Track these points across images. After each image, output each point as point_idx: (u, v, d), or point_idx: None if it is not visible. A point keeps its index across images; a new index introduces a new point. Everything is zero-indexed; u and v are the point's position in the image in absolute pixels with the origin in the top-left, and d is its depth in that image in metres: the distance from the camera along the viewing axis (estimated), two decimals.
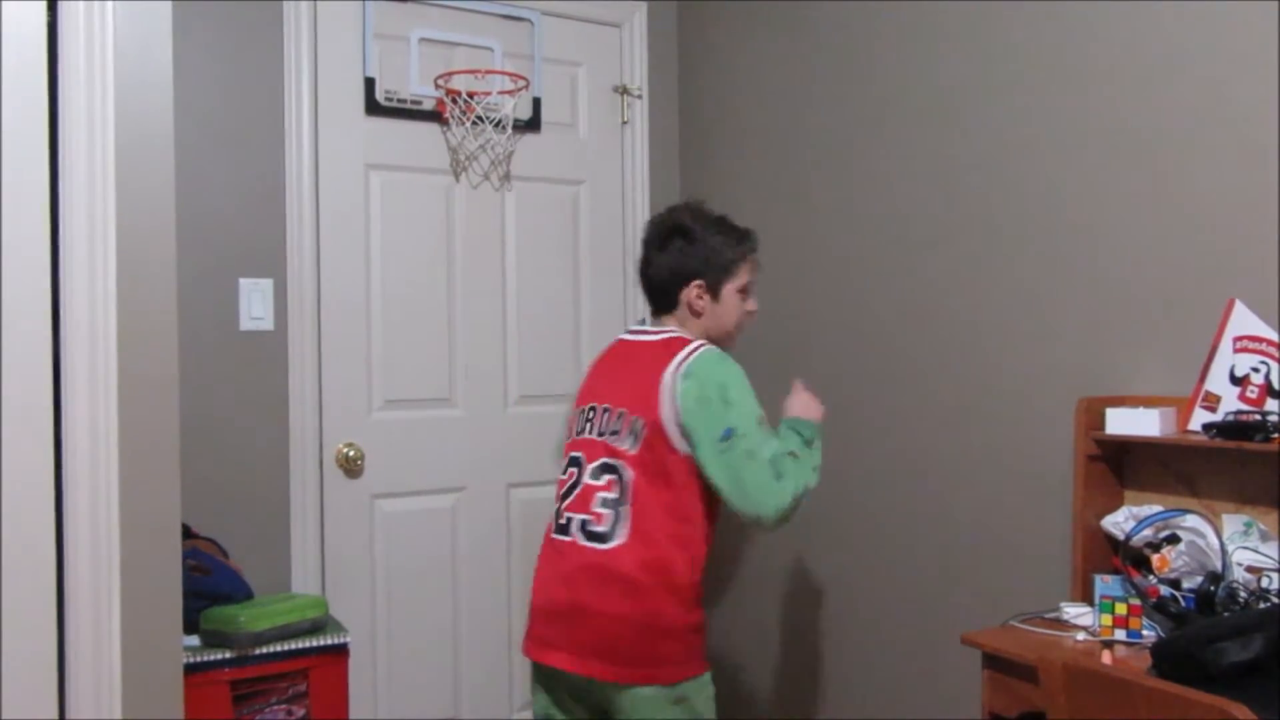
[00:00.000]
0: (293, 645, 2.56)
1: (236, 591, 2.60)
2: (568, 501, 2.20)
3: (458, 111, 3.07)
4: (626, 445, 2.14)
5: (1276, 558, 1.93)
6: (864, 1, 2.87)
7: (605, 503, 2.14)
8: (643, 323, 2.35)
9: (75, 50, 1.66)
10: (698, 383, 2.12)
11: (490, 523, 3.23)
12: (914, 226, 2.74)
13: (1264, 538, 1.98)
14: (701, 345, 2.21)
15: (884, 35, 2.82)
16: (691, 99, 3.51)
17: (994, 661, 2.05)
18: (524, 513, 3.28)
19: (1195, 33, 2.14)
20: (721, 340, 2.30)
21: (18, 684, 1.61)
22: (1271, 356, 1.96)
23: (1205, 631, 1.68)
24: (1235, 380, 2.00)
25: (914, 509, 2.76)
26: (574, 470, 2.22)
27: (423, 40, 3.09)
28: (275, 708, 2.55)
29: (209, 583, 2.56)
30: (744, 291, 2.34)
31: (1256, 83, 2.03)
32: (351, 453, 3.01)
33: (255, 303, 2.89)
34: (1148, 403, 2.15)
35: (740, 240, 2.33)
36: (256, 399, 2.89)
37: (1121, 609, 1.97)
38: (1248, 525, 1.99)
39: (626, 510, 2.12)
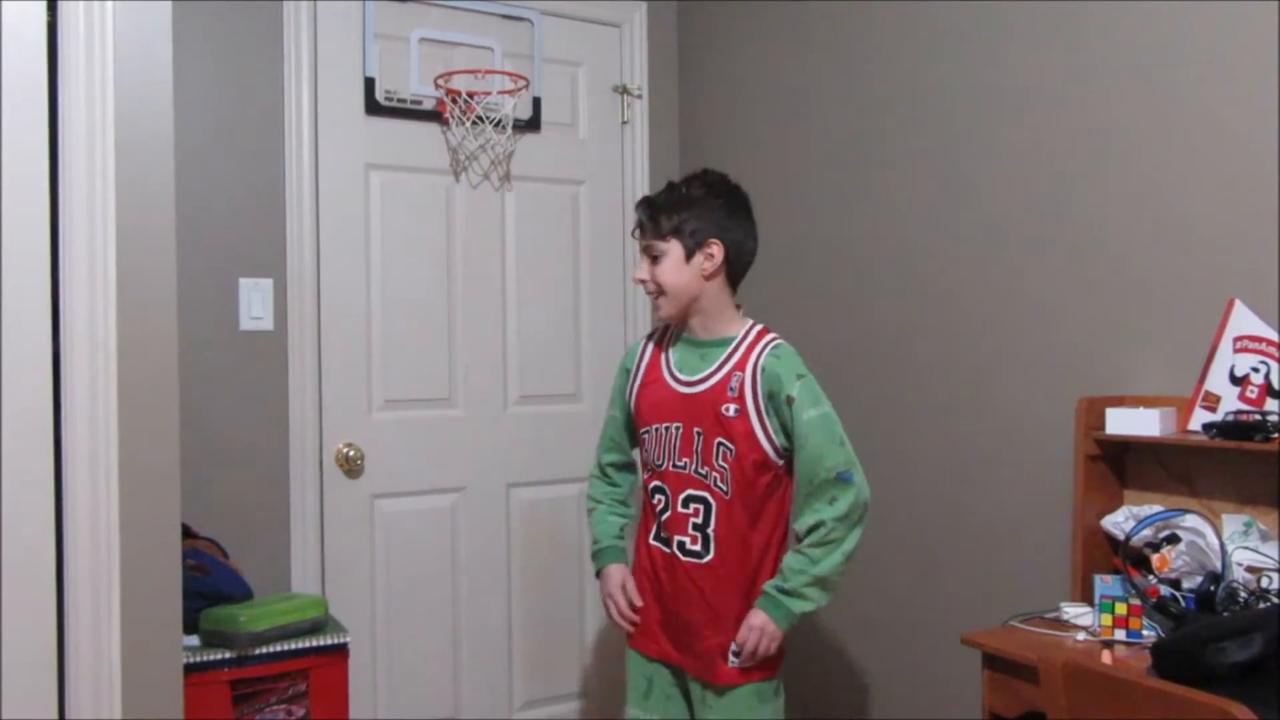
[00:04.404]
0: (293, 645, 2.56)
1: (236, 591, 2.60)
2: None
3: (458, 111, 3.07)
4: None
5: (1276, 558, 1.93)
6: (864, 1, 2.87)
7: None
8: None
9: (75, 50, 1.66)
10: None
11: (490, 523, 3.23)
12: (914, 226, 2.74)
13: (1264, 538, 1.98)
14: None
15: (884, 35, 2.82)
16: (691, 99, 3.51)
17: (994, 661, 2.05)
18: (524, 513, 3.28)
19: (1195, 33, 2.14)
20: None
21: (18, 684, 1.61)
22: (1271, 356, 1.96)
23: (1205, 631, 1.68)
24: (1235, 380, 2.00)
25: (914, 509, 2.76)
26: None
27: (423, 40, 3.09)
28: (275, 708, 2.55)
29: (209, 583, 2.55)
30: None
31: (1256, 83, 2.03)
32: (351, 453, 3.00)
33: (255, 303, 2.89)
34: (1148, 403, 2.15)
35: None
36: (256, 399, 2.89)
37: (1121, 609, 1.97)
38: (1247, 525, 2.00)
39: None
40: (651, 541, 2.25)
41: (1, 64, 1.59)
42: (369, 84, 3.03)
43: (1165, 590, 1.97)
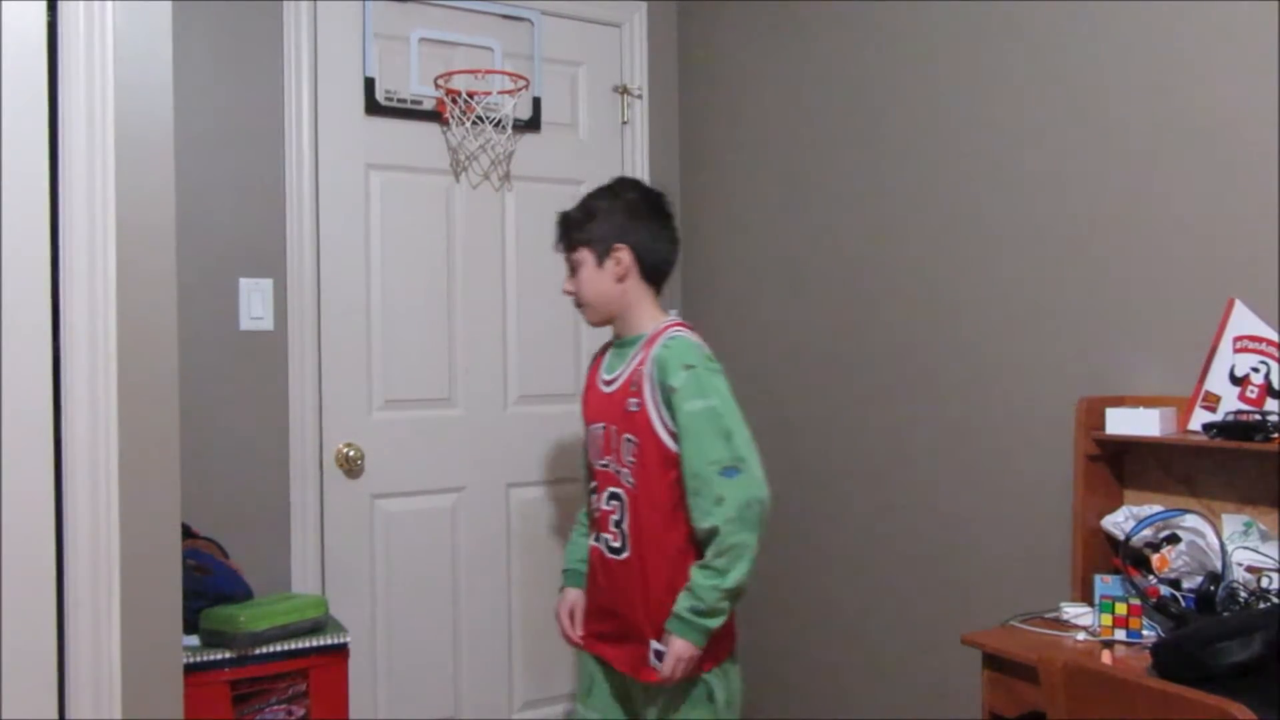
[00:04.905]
0: (293, 645, 2.56)
1: (236, 591, 2.60)
2: None
3: (458, 111, 3.07)
4: None
5: (1276, 558, 1.93)
6: (863, 1, 2.87)
7: None
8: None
9: (75, 50, 1.66)
10: None
11: (490, 523, 3.23)
12: (914, 226, 2.74)
13: (1264, 538, 1.98)
14: None
15: (883, 35, 2.82)
16: (691, 99, 3.51)
17: (994, 661, 2.05)
18: (524, 513, 3.28)
19: (1195, 33, 2.14)
20: None
21: (18, 684, 1.61)
22: (1271, 356, 1.96)
23: (1205, 631, 1.68)
24: (1235, 380, 2.00)
25: (914, 509, 2.76)
26: None
27: (423, 40, 3.09)
28: (275, 708, 2.55)
29: (209, 583, 2.55)
30: None
31: (1256, 83, 2.03)
32: (351, 453, 3.00)
33: (255, 303, 2.89)
34: (1148, 403, 2.15)
35: None
36: (256, 399, 2.89)
37: (1121, 609, 1.97)
38: (1247, 525, 2.00)
39: None
40: (593, 542, 2.32)
41: (2, 64, 1.59)
42: (369, 84, 3.03)
43: (1165, 590, 1.97)
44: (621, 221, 2.26)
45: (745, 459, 2.09)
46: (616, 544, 2.21)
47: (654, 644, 2.14)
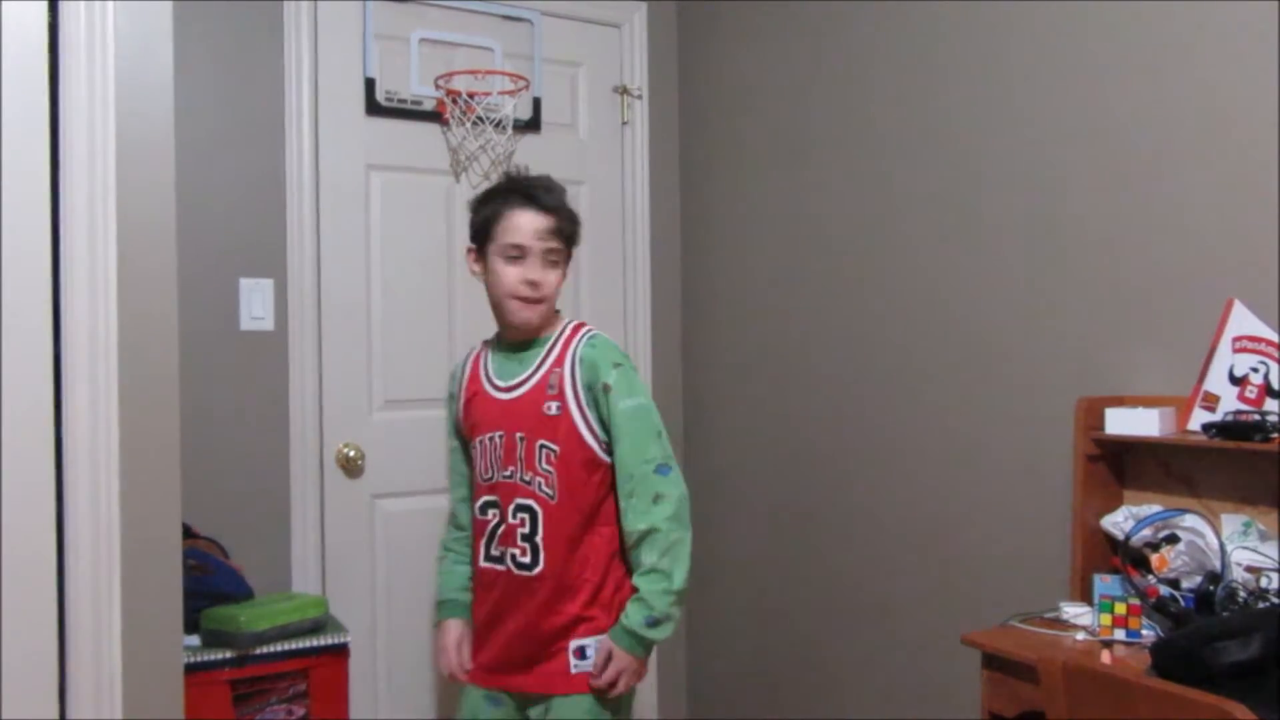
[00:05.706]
0: (293, 645, 2.56)
1: (237, 591, 2.60)
2: None
3: (458, 112, 3.07)
4: None
5: (1275, 557, 1.93)
6: (863, 1, 2.87)
7: None
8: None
9: (75, 50, 1.66)
10: None
11: None
12: (914, 225, 2.74)
13: (1263, 537, 1.98)
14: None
15: (883, 35, 2.82)
16: (691, 99, 3.51)
17: (994, 661, 2.05)
18: None
19: (1194, 32, 2.14)
20: (498, 315, 2.19)
21: (18, 684, 1.61)
22: (1270, 356, 1.96)
23: (1204, 631, 1.68)
24: (1234, 380, 2.00)
25: (914, 509, 2.76)
26: None
27: (423, 41, 3.09)
28: (275, 707, 2.55)
29: (209, 582, 2.56)
30: (509, 256, 2.12)
31: (1256, 83, 2.03)
32: (351, 453, 3.01)
33: (255, 303, 2.89)
34: (1147, 403, 2.15)
35: (491, 196, 2.17)
36: (256, 399, 2.89)
37: (1121, 609, 1.97)
38: (1246, 525, 2.00)
39: None
40: (483, 564, 2.17)
41: (2, 64, 1.59)
42: (369, 84, 3.04)
43: (1164, 590, 1.97)
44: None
45: (672, 457, 2.09)
46: (526, 559, 2.08)
47: (574, 642, 2.06)
